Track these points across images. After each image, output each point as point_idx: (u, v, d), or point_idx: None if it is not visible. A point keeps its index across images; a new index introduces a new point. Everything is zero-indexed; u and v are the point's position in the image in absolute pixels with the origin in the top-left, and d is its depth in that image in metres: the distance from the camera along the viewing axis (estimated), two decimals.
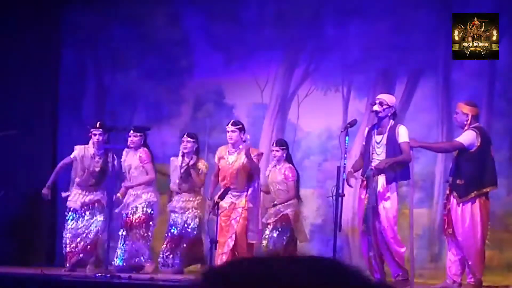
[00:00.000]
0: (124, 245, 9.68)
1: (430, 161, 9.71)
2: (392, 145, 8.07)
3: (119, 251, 9.73)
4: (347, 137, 8.20)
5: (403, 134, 8.07)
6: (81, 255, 9.64)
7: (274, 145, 9.56)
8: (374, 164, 8.08)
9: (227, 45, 10.96)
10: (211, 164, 9.76)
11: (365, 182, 8.12)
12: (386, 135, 8.10)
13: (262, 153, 9.52)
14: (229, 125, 9.28)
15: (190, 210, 9.75)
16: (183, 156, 9.75)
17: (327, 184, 9.36)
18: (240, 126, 9.27)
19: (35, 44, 11.40)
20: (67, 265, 9.69)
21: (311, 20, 10.59)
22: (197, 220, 9.78)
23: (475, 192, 8.01)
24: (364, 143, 8.32)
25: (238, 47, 10.88)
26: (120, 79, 11.53)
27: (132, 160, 9.75)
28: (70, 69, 11.70)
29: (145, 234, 9.65)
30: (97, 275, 8.57)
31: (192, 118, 11.13)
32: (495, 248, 9.29)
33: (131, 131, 9.66)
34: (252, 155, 9.24)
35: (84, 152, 9.78)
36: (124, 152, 9.78)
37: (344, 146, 8.11)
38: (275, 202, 9.36)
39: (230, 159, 9.27)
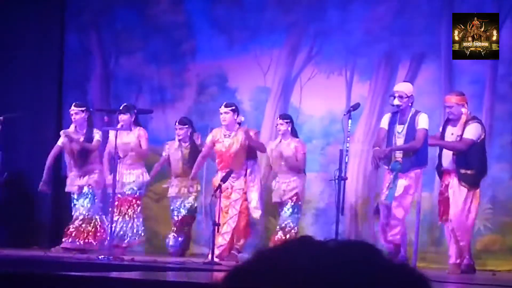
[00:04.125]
0: (117, 225, 9.67)
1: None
2: (412, 135, 8.08)
3: (120, 230, 9.73)
4: (350, 121, 8.20)
5: (422, 122, 8.07)
6: (81, 239, 9.68)
7: (278, 118, 9.50)
8: (397, 155, 8.11)
9: (230, 28, 10.94)
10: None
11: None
12: (406, 125, 8.11)
13: (259, 132, 9.53)
14: (222, 106, 9.25)
15: (189, 194, 9.79)
16: (179, 141, 9.79)
17: (330, 168, 9.34)
18: (234, 107, 9.24)
19: (39, 27, 11.41)
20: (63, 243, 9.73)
21: (314, 3, 10.56)
22: (195, 203, 9.83)
23: (480, 181, 8.18)
24: (386, 128, 8.27)
25: (241, 30, 10.87)
26: (124, 62, 11.53)
27: (128, 138, 9.67)
28: (74, 52, 11.70)
29: (135, 213, 9.70)
30: (99, 257, 8.61)
31: (196, 102, 11.13)
32: (498, 232, 9.30)
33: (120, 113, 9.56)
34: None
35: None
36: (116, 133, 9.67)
37: (347, 129, 8.11)
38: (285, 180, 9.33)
39: (227, 142, 9.22)
